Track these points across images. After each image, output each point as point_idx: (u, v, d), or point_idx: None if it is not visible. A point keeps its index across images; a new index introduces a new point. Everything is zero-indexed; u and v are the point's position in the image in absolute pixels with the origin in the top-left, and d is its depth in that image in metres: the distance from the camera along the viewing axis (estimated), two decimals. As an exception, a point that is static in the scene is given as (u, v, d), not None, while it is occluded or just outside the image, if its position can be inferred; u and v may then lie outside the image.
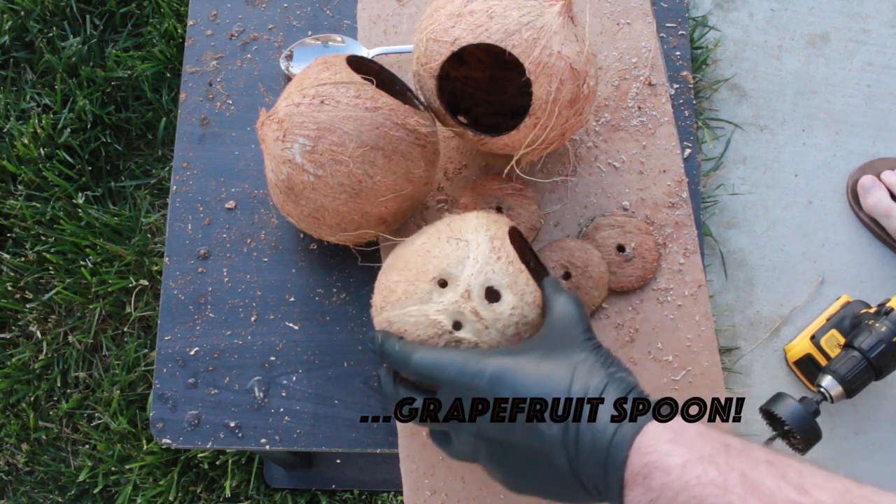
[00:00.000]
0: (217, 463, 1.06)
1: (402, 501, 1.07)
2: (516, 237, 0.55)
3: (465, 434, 0.45)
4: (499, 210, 0.64)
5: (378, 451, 0.61)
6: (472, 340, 0.47)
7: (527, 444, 0.42)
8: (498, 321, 0.47)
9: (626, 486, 0.38)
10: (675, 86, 0.69)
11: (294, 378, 0.62)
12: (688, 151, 0.67)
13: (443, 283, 0.48)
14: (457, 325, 0.47)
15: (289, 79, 0.69)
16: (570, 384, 0.41)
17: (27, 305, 1.14)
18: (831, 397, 0.96)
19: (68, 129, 1.18)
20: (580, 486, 0.41)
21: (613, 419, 0.39)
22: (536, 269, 0.56)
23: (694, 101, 0.70)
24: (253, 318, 0.63)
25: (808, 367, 1.09)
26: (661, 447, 0.37)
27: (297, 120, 0.52)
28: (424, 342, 0.47)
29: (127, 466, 1.07)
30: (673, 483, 0.36)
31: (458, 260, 0.48)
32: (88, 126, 1.20)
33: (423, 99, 0.58)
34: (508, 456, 0.44)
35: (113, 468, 1.08)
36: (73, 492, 1.09)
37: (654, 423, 0.39)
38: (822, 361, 1.06)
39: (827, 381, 0.97)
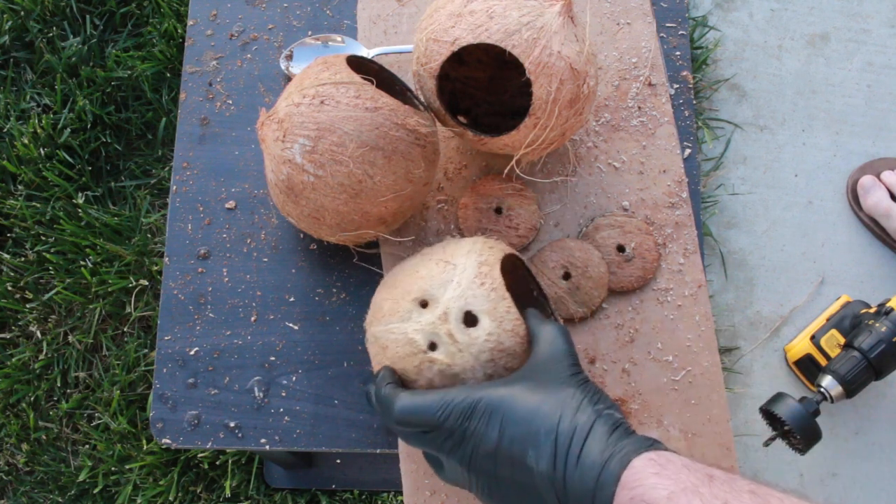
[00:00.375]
0: (217, 463, 1.06)
1: (402, 501, 1.07)
2: (518, 266, 0.55)
3: (455, 463, 0.46)
4: (498, 211, 0.64)
5: (378, 451, 0.61)
6: (444, 362, 0.47)
7: (516, 480, 0.43)
8: (472, 345, 0.47)
9: None
10: (675, 86, 0.69)
11: (294, 378, 0.62)
12: (688, 151, 0.67)
13: (424, 304, 0.49)
14: (432, 346, 0.48)
15: (289, 79, 0.69)
16: (558, 422, 0.42)
17: (27, 305, 1.14)
18: (831, 397, 0.96)
19: (68, 129, 1.18)
20: None
21: (601, 456, 0.40)
22: (538, 297, 0.56)
23: (694, 101, 0.70)
24: (253, 318, 0.63)
25: (808, 367, 1.09)
26: (646, 481, 0.38)
27: (297, 120, 0.52)
28: (403, 359, 0.49)
29: (127, 466, 1.07)
30: None
31: (442, 282, 0.49)
32: (88, 126, 1.20)
33: (423, 99, 0.58)
34: (498, 489, 0.44)
35: (113, 468, 1.08)
36: (73, 492, 1.09)
37: (640, 457, 0.40)
38: (822, 361, 1.06)
39: (827, 381, 0.97)
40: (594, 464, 0.40)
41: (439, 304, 0.48)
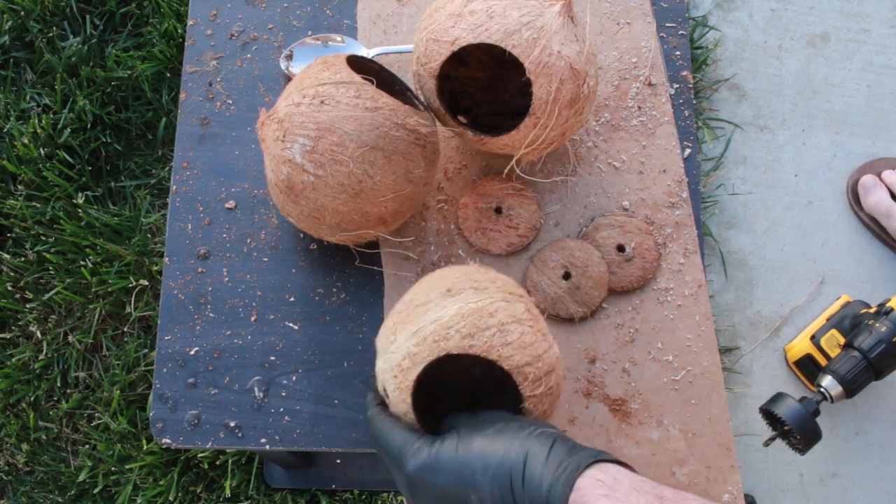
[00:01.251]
0: (217, 463, 1.06)
1: (402, 501, 1.07)
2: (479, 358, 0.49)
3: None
4: (498, 210, 0.64)
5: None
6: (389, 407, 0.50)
7: None
8: (393, 407, 0.49)
9: None
10: (675, 86, 0.69)
11: (294, 378, 0.62)
12: (688, 151, 0.67)
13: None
14: (384, 390, 0.49)
15: (289, 79, 0.69)
16: (491, 459, 0.42)
17: (27, 305, 1.14)
18: (831, 397, 0.96)
19: (68, 129, 1.18)
20: None
21: (546, 480, 0.40)
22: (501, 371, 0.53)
23: (694, 101, 0.70)
24: (253, 318, 0.63)
25: (808, 367, 1.09)
26: (595, 500, 0.38)
27: (297, 120, 0.52)
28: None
29: (127, 466, 1.07)
30: None
31: (385, 342, 0.50)
32: (88, 126, 1.20)
33: (423, 99, 0.58)
34: None
35: (113, 468, 1.08)
36: (73, 492, 1.09)
37: (588, 476, 0.39)
38: (822, 361, 1.06)
39: (827, 381, 0.97)
40: (539, 488, 0.40)
41: (378, 362, 0.50)
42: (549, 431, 0.43)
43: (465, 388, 0.56)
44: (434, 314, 0.48)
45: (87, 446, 1.11)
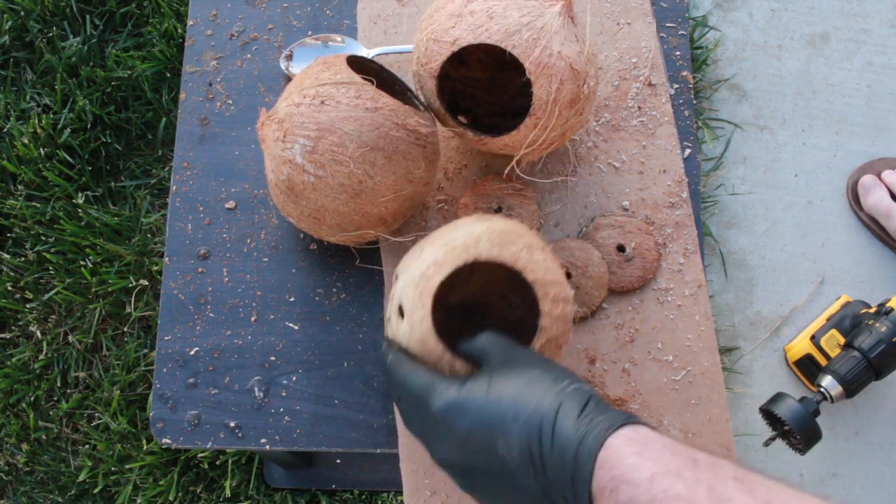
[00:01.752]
0: (217, 463, 1.06)
1: (402, 501, 1.07)
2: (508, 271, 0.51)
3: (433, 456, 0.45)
4: (498, 210, 0.64)
5: (378, 451, 0.61)
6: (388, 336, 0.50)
7: (491, 470, 0.42)
8: (397, 335, 0.48)
9: (594, 500, 0.38)
10: (675, 86, 0.69)
11: (294, 378, 0.62)
12: (688, 151, 0.67)
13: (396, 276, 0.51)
14: (399, 308, 0.49)
15: (289, 79, 0.69)
16: (522, 408, 0.41)
17: (27, 305, 1.14)
18: (831, 397, 0.96)
19: (68, 129, 1.18)
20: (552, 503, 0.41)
21: (575, 434, 0.39)
22: (525, 301, 0.54)
23: (694, 101, 0.70)
24: (253, 318, 0.63)
25: (808, 367, 1.09)
26: (626, 461, 0.37)
27: (298, 120, 0.52)
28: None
29: (127, 466, 1.07)
30: (640, 497, 0.36)
31: (407, 265, 0.50)
32: (88, 126, 1.20)
33: (423, 99, 0.58)
34: (475, 481, 0.43)
35: (113, 468, 1.08)
36: (73, 492, 1.09)
37: (619, 435, 0.38)
38: (822, 361, 1.06)
39: (827, 381, 0.97)
40: (569, 441, 0.39)
41: (398, 283, 0.50)
42: (585, 388, 0.42)
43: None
44: (464, 231, 0.48)
45: (87, 446, 1.11)
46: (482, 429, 0.41)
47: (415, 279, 0.47)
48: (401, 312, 0.48)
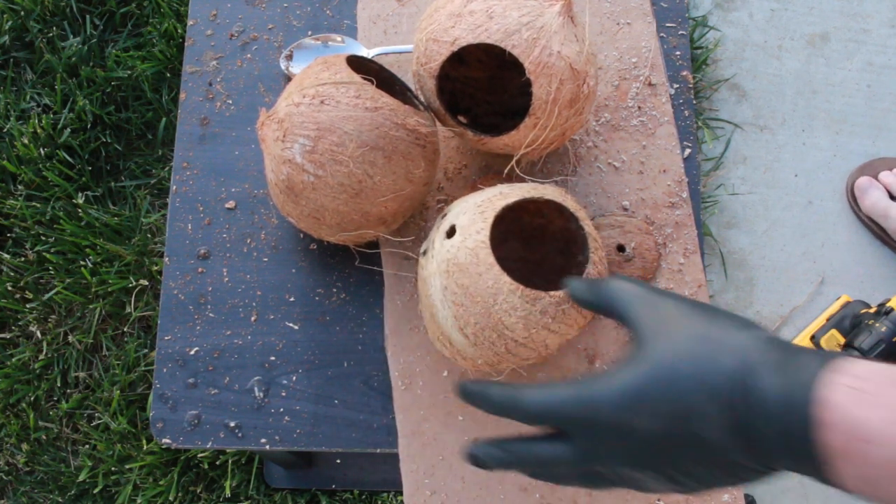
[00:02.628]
0: (217, 463, 1.06)
1: (402, 501, 1.07)
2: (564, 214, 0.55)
3: (610, 471, 0.39)
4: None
5: (378, 451, 0.61)
6: (422, 265, 0.52)
7: (689, 448, 0.36)
8: (440, 254, 0.50)
9: (827, 461, 0.32)
10: (675, 86, 0.69)
11: (294, 378, 0.62)
12: (688, 151, 0.67)
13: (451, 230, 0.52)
14: (424, 252, 0.52)
15: (289, 79, 0.69)
16: (710, 378, 0.35)
17: (27, 305, 1.14)
18: (831, 397, 0.96)
19: (68, 129, 1.18)
20: (757, 470, 0.36)
21: (782, 396, 0.33)
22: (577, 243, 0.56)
23: (694, 101, 0.70)
24: (253, 318, 0.63)
25: (808, 367, 1.09)
26: (851, 412, 0.31)
27: (297, 120, 0.52)
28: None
29: (127, 466, 1.07)
30: (885, 454, 0.30)
31: (460, 204, 0.52)
32: (88, 126, 1.20)
33: (423, 99, 0.58)
34: (673, 468, 0.37)
35: (113, 468, 1.08)
36: (73, 492, 1.09)
37: (830, 385, 0.32)
38: (822, 361, 1.06)
39: (827, 381, 0.97)
40: (776, 406, 0.33)
41: (449, 214, 0.52)
42: (761, 334, 0.36)
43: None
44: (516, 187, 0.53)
45: (87, 446, 1.11)
46: (671, 416, 0.35)
47: (476, 203, 0.49)
48: (449, 234, 0.50)
